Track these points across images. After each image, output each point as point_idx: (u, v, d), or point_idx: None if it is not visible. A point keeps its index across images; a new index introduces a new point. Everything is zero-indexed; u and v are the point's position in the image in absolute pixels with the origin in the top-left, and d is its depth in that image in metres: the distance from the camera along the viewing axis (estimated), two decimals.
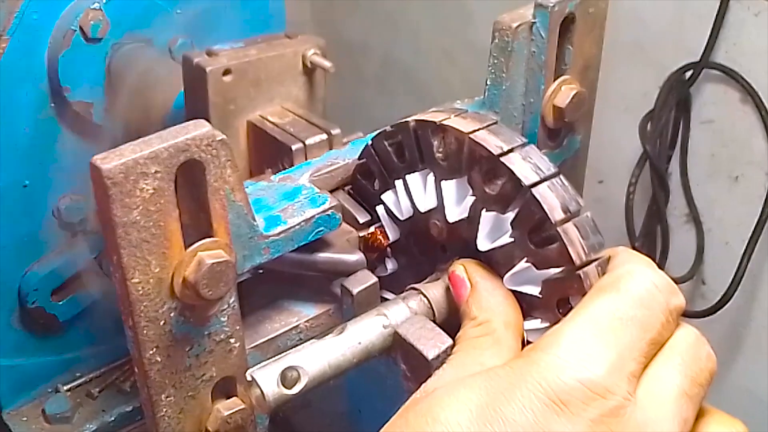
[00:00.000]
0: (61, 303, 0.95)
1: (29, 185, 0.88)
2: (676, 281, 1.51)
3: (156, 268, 0.48)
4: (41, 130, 0.87)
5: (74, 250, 0.93)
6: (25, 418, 0.97)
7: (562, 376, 0.40)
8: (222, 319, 0.53)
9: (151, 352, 0.50)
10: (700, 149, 1.46)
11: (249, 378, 0.51)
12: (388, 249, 0.63)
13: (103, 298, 0.97)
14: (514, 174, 0.51)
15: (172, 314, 0.50)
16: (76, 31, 0.83)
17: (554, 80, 0.65)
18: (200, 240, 0.49)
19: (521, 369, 0.42)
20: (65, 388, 0.99)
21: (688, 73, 1.39)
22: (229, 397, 0.56)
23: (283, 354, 0.52)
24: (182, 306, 0.50)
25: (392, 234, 0.62)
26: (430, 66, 1.90)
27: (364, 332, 0.54)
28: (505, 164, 0.51)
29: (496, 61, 0.64)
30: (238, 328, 0.54)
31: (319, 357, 0.52)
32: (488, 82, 0.65)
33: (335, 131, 0.69)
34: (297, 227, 0.57)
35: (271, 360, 0.52)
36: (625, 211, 1.49)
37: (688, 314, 1.36)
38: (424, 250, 0.61)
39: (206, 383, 0.54)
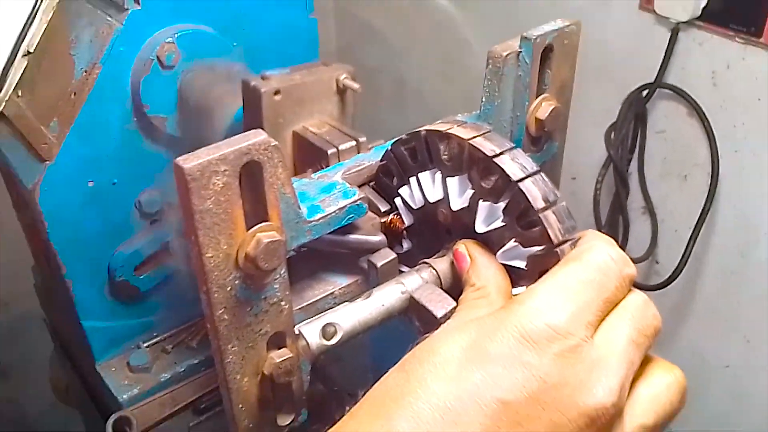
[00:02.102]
0: (141, 277, 0.96)
1: (117, 183, 0.90)
2: (635, 261, 1.52)
3: (224, 246, 0.50)
4: (127, 139, 0.88)
5: (152, 235, 0.95)
6: (113, 369, 0.99)
7: (533, 320, 0.42)
8: (275, 286, 0.54)
9: (220, 311, 0.52)
10: (654, 154, 1.47)
11: (297, 332, 0.53)
12: (404, 232, 0.65)
13: (175, 274, 0.99)
14: (504, 171, 0.52)
15: (236, 282, 0.52)
16: (154, 60, 0.84)
17: (536, 97, 0.66)
18: (258, 224, 0.51)
19: (502, 316, 0.43)
20: (145, 345, 1.01)
21: (645, 92, 1.40)
22: (279, 348, 0.58)
23: (322, 314, 0.54)
24: (244, 275, 0.52)
25: (407, 220, 0.64)
26: (434, 87, 1.91)
27: (386, 297, 0.56)
28: (497, 164, 0.53)
29: (489, 83, 0.65)
30: (287, 293, 0.56)
31: (351, 316, 0.54)
32: (483, 100, 0.66)
33: (362, 139, 0.70)
34: (333, 214, 0.59)
35: (313, 318, 0.54)
36: (593, 204, 1.51)
37: (644, 288, 1.38)
38: (432, 233, 0.63)
39: (262, 336, 0.56)
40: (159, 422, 0.94)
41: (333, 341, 0.52)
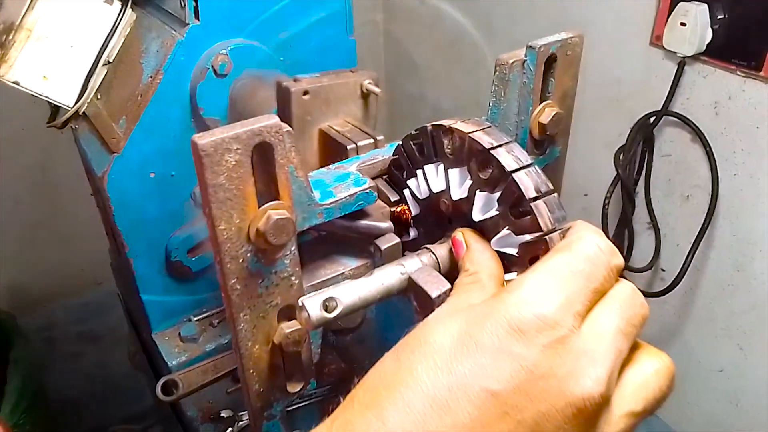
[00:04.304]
0: (194, 259, 0.93)
1: (175, 175, 0.88)
2: (639, 271, 1.43)
3: (237, 220, 0.46)
4: (184, 137, 0.86)
5: (204, 222, 0.92)
6: (167, 338, 0.96)
7: (521, 310, 0.36)
8: (285, 261, 0.50)
9: (232, 281, 0.48)
10: (659, 175, 1.39)
11: (300, 304, 0.48)
12: (412, 221, 0.59)
13: None
14: (500, 163, 0.47)
15: (248, 254, 0.48)
16: (209, 69, 0.82)
17: (540, 103, 0.60)
18: (270, 202, 0.47)
19: (492, 305, 0.38)
20: (195, 318, 0.98)
21: (652, 119, 1.32)
22: (290, 320, 0.54)
23: (325, 289, 0.50)
24: (256, 249, 0.48)
25: (414, 210, 0.59)
26: (466, 113, 1.87)
27: (387, 276, 0.50)
28: (494, 155, 0.47)
29: (496, 89, 0.60)
30: (297, 269, 0.51)
31: (352, 292, 0.49)
32: (490, 104, 0.61)
33: (380, 137, 0.65)
34: (343, 200, 0.54)
35: (317, 292, 0.49)
36: (601, 218, 1.43)
37: (646, 294, 1.29)
38: (436, 222, 0.57)
39: (273, 308, 0.52)
40: (202, 386, 0.91)
41: (333, 314, 0.47)
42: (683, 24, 1.18)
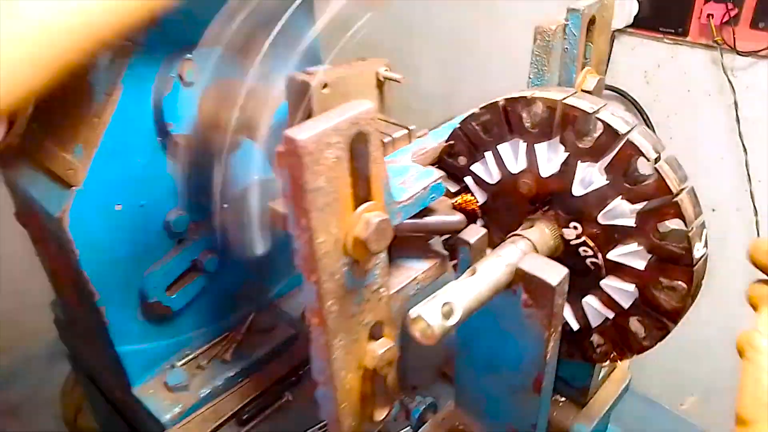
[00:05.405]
0: (173, 296, 0.81)
1: (145, 205, 0.75)
2: None
3: (335, 229, 0.38)
4: (152, 160, 0.74)
5: (181, 254, 0.81)
6: (152, 391, 0.83)
7: None
8: (376, 272, 0.43)
9: (330, 302, 0.40)
10: None
11: (414, 315, 0.41)
12: (479, 211, 0.53)
13: (205, 291, 0.85)
14: (611, 126, 0.42)
15: (344, 269, 0.40)
16: (174, 77, 0.71)
17: (581, 70, 0.57)
18: (362, 203, 0.39)
19: None
20: (180, 363, 0.85)
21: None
22: (376, 338, 0.46)
23: (432, 295, 0.42)
24: (351, 261, 0.40)
25: (481, 198, 0.53)
26: (412, 113, 1.82)
27: (492, 271, 0.44)
28: (601, 119, 0.43)
29: (538, 59, 0.55)
30: (387, 278, 0.44)
31: (464, 293, 0.42)
32: (530, 76, 0.56)
33: (412, 127, 0.58)
34: (418, 194, 0.47)
35: (425, 300, 0.42)
36: None
37: None
38: (508, 208, 0.52)
39: (364, 327, 0.44)
40: None
41: (452, 321, 0.40)
42: None
